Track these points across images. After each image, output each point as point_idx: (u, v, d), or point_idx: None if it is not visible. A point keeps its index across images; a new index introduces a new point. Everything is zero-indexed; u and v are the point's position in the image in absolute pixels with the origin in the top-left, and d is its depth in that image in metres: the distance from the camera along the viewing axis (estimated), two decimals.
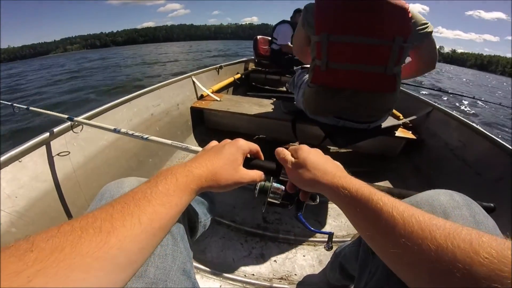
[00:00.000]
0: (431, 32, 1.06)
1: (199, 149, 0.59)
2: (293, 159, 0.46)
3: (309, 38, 1.18)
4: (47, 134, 0.92)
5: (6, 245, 0.21)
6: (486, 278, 0.21)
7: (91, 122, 0.90)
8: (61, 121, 0.97)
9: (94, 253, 0.24)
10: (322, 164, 0.43)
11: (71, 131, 0.99)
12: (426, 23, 1.03)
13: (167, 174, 0.35)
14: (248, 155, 0.48)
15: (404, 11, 0.98)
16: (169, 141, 0.71)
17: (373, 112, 1.19)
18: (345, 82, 1.10)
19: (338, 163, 0.45)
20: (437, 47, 1.15)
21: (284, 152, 0.48)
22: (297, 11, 2.96)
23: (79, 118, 0.94)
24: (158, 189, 0.32)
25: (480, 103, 8.81)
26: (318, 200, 0.55)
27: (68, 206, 0.93)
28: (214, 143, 0.48)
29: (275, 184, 0.58)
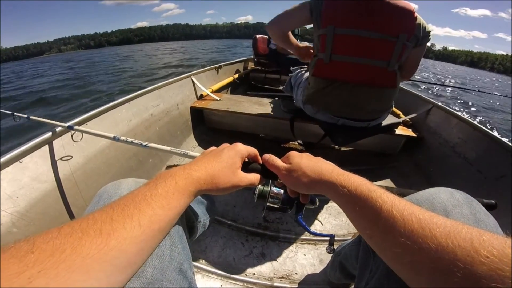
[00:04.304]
0: (429, 38, 1.10)
1: (197, 154, 0.60)
2: (285, 165, 0.46)
3: (308, 23, 1.17)
4: (48, 135, 0.92)
5: (6, 246, 0.22)
6: (487, 278, 0.20)
7: (91, 130, 0.90)
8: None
9: (94, 255, 0.24)
10: (316, 165, 0.43)
11: (73, 135, 0.99)
12: (430, 30, 1.08)
13: (166, 176, 0.35)
14: (246, 159, 0.48)
15: (410, 12, 1.01)
16: (167, 148, 0.71)
17: (374, 108, 1.19)
18: (348, 75, 1.11)
19: (330, 162, 0.45)
20: (429, 44, 1.17)
21: (272, 159, 0.48)
22: None
23: (78, 127, 0.94)
24: (157, 191, 0.32)
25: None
26: (317, 203, 0.55)
27: (70, 207, 0.93)
28: (213, 148, 0.49)
29: (274, 189, 0.58)
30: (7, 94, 9.31)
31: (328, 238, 0.70)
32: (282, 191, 0.58)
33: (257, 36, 3.47)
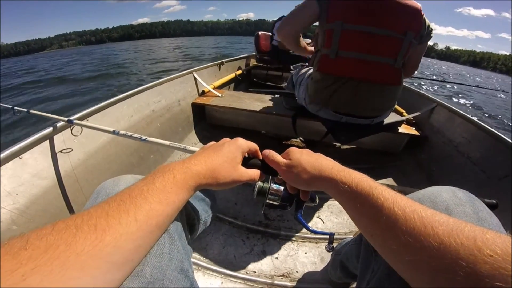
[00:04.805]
0: (431, 37, 1.12)
1: (197, 149, 0.59)
2: (285, 161, 0.45)
3: (316, 19, 1.12)
4: (47, 130, 0.92)
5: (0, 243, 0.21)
6: (490, 277, 0.20)
7: (90, 124, 0.90)
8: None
9: (89, 251, 0.23)
10: (317, 161, 0.42)
11: (72, 129, 0.99)
12: (432, 28, 1.10)
13: (164, 170, 0.35)
14: (247, 155, 0.48)
15: (417, 10, 1.02)
16: (167, 142, 0.71)
17: (377, 105, 1.19)
18: (354, 71, 1.10)
19: (331, 159, 0.45)
20: (431, 43, 1.18)
21: (272, 154, 0.48)
22: None
23: (79, 121, 0.94)
24: (155, 186, 0.32)
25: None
26: (317, 201, 0.55)
27: (70, 203, 0.93)
28: (213, 143, 0.48)
29: (273, 185, 0.57)
30: (54, 75, 11.67)
31: (327, 236, 0.70)
32: (282, 188, 0.57)
33: (259, 33, 3.45)
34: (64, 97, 7.01)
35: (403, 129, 1.59)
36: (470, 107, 8.38)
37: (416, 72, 1.27)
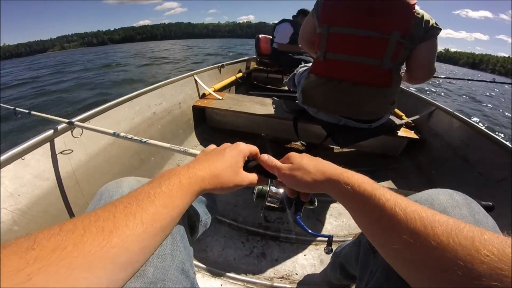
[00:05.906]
0: (437, 31, 1.01)
1: (197, 152, 0.60)
2: (287, 165, 0.46)
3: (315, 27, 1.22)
4: (50, 132, 0.92)
5: (7, 242, 0.21)
6: (487, 276, 0.21)
7: (91, 126, 0.90)
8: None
9: (96, 252, 0.24)
10: (318, 165, 0.43)
11: (73, 130, 1.00)
12: (434, 23, 0.99)
13: (170, 175, 0.35)
14: (247, 158, 0.49)
15: (407, 6, 0.97)
16: (167, 145, 0.71)
17: (371, 107, 1.18)
18: (342, 73, 1.12)
19: (330, 162, 0.45)
20: None
21: (271, 160, 0.48)
22: (301, 12, 2.93)
23: (80, 123, 0.94)
24: (161, 189, 0.32)
25: None
26: (316, 203, 0.55)
27: (71, 205, 0.93)
28: (213, 146, 0.49)
29: (273, 188, 0.58)
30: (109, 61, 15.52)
31: (326, 238, 0.70)
32: (281, 190, 0.58)
33: (260, 36, 3.47)
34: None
35: (402, 132, 1.60)
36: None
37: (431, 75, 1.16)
